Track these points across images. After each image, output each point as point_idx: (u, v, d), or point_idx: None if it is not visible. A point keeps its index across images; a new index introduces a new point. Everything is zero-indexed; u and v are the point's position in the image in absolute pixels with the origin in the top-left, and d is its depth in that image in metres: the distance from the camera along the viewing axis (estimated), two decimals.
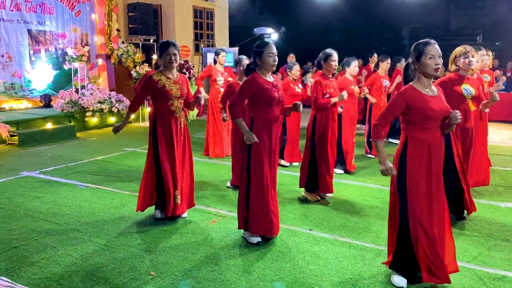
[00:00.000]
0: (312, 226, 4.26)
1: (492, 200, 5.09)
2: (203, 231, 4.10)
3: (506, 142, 8.76)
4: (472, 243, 3.92)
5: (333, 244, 3.84)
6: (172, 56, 4.05)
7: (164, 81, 4.10)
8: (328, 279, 3.25)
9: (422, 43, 2.96)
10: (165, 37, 14.15)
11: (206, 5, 15.27)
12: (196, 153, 7.32)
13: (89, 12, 11.08)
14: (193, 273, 3.31)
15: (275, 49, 3.67)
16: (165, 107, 4.14)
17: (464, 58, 4.13)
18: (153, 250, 3.68)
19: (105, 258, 3.53)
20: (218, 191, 5.33)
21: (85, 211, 4.58)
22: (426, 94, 2.95)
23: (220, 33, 16.19)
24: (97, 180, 5.71)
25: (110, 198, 5.00)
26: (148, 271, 3.32)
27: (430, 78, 3.00)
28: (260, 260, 3.54)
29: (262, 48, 3.64)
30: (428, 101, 2.92)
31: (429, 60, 2.90)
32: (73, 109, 9.26)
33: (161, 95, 4.10)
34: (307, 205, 4.88)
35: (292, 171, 6.27)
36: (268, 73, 3.74)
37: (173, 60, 4.06)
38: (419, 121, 2.93)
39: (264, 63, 3.64)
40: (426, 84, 2.99)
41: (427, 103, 2.91)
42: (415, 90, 2.96)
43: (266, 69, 3.69)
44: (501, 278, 3.29)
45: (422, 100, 2.92)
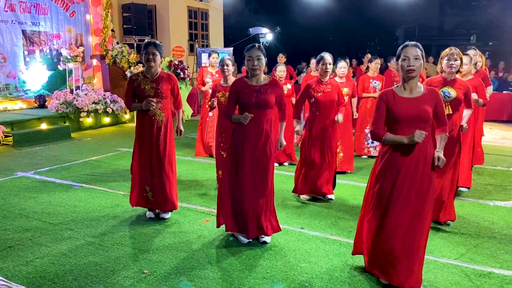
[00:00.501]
0: (303, 224, 4.33)
1: (481, 199, 5.18)
2: (196, 230, 4.15)
3: (497, 141, 8.86)
4: (460, 240, 3.99)
5: (324, 242, 3.91)
6: (150, 55, 4.07)
7: (140, 80, 4.16)
8: (319, 276, 3.31)
9: (402, 46, 3.00)
10: (160, 37, 14.18)
11: (200, 5, 15.31)
12: (190, 153, 7.39)
13: (83, 12, 11.10)
14: (186, 271, 3.36)
15: (259, 52, 3.61)
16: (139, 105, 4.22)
17: (446, 60, 4.08)
18: (146, 249, 3.73)
19: (99, 257, 3.58)
20: (211, 191, 5.39)
21: (80, 211, 4.62)
22: (402, 96, 2.97)
23: (215, 33, 16.24)
24: (91, 180, 5.75)
25: (104, 198, 5.04)
26: (142, 270, 3.37)
27: (409, 80, 2.96)
28: (251, 258, 3.60)
29: (244, 52, 3.66)
30: (399, 103, 2.94)
31: (403, 62, 2.93)
32: (67, 110, 9.29)
33: (138, 94, 4.19)
34: (298, 204, 4.95)
35: (283, 171, 6.33)
36: (254, 76, 3.69)
37: (151, 59, 4.07)
38: (391, 123, 2.98)
39: (246, 67, 3.67)
40: (406, 86, 2.99)
41: (397, 105, 2.93)
42: (392, 91, 3.01)
43: (249, 73, 3.71)
44: (487, 274, 3.36)
45: (395, 102, 2.96)
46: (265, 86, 3.70)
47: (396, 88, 3.04)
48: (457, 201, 5.04)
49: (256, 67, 3.62)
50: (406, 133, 2.90)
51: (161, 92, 4.15)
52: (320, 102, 4.87)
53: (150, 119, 4.19)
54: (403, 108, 2.92)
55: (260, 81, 3.72)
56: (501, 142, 8.84)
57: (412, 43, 2.96)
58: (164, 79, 4.20)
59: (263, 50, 3.67)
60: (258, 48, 3.64)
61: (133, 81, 4.22)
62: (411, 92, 2.98)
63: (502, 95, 11.29)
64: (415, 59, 2.90)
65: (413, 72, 2.91)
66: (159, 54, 4.12)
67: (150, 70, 4.17)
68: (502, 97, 11.25)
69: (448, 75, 4.13)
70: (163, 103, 4.20)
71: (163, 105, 4.20)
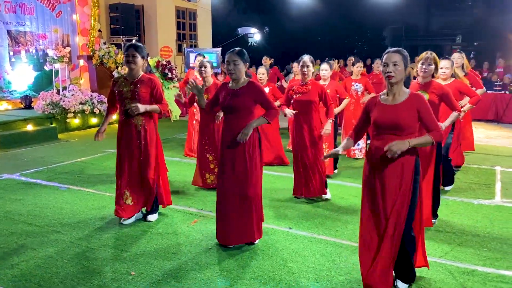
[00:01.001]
0: (291, 224, 4.35)
1: (465, 197, 5.26)
2: (184, 231, 4.16)
3: (482, 140, 8.99)
4: (445, 239, 4.06)
5: (311, 242, 3.94)
6: (130, 57, 4.02)
7: (120, 82, 4.14)
8: (305, 276, 3.34)
9: (385, 52, 2.98)
10: (148, 37, 14.13)
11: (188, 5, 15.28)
12: (179, 153, 7.38)
13: (70, 12, 11.00)
14: (173, 272, 3.37)
15: (236, 57, 3.61)
16: (121, 108, 4.19)
17: (420, 64, 4.09)
18: (134, 251, 3.73)
19: (85, 259, 3.57)
20: (200, 191, 5.39)
21: (66, 213, 4.60)
22: (384, 103, 2.95)
23: (203, 33, 16.22)
24: (78, 182, 5.71)
25: (91, 200, 5.02)
26: (129, 271, 3.37)
27: (391, 86, 2.92)
28: (239, 258, 3.61)
29: (224, 56, 3.71)
30: (379, 110, 2.94)
31: (383, 67, 2.92)
32: (54, 111, 9.20)
33: (117, 96, 4.17)
34: (287, 204, 4.98)
35: (271, 171, 6.36)
36: (232, 80, 3.69)
37: (131, 61, 4.03)
38: (373, 129, 3.00)
39: (225, 70, 3.71)
40: (389, 93, 2.96)
41: (376, 112, 2.94)
42: (376, 98, 3.03)
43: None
44: (470, 272, 3.42)
45: (375, 108, 2.97)
46: (240, 89, 3.65)
47: (382, 94, 3.03)
48: (442, 200, 5.11)
49: (232, 71, 3.62)
50: (385, 140, 2.88)
51: (138, 95, 4.07)
52: (297, 103, 4.94)
53: (128, 123, 4.14)
54: (381, 115, 2.91)
55: (238, 85, 3.69)
56: (486, 141, 8.98)
57: (393, 49, 2.93)
58: (144, 83, 4.11)
59: (242, 55, 3.64)
60: (236, 53, 3.63)
61: (115, 83, 4.21)
62: (394, 98, 2.93)
63: (486, 94, 11.41)
64: (394, 65, 2.86)
65: (392, 78, 2.87)
66: (140, 56, 4.06)
67: (131, 73, 4.13)
68: (486, 96, 11.39)
69: (422, 79, 4.13)
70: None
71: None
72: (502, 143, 8.80)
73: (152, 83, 4.16)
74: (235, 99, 3.62)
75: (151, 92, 4.16)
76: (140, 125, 4.14)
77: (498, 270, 3.46)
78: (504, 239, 4.07)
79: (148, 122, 4.19)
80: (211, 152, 5.38)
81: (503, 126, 10.88)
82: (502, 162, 7.04)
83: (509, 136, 9.62)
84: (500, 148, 8.23)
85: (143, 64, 4.17)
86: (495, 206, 4.99)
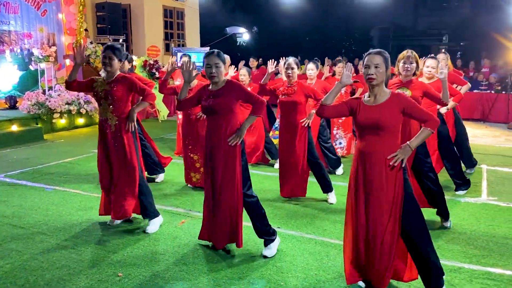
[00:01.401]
0: (280, 224, 4.35)
1: (453, 196, 5.31)
2: (172, 232, 4.13)
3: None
4: (432, 236, 4.00)
5: (299, 241, 3.94)
6: (107, 59, 3.96)
7: (98, 82, 4.07)
8: (294, 275, 3.34)
9: (367, 53, 2.97)
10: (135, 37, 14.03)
11: (176, 4, 15.21)
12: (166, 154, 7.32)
13: (55, 11, 10.87)
14: (161, 273, 3.34)
15: (217, 60, 3.50)
16: (98, 108, 4.15)
17: (402, 63, 4.12)
18: (120, 252, 3.69)
19: (72, 261, 3.52)
20: (188, 192, 5.36)
21: (52, 214, 4.53)
22: (366, 103, 2.96)
23: (191, 32, 16.16)
24: (65, 183, 5.64)
25: (78, 201, 4.96)
26: (116, 273, 3.33)
27: (373, 87, 2.92)
28: (227, 258, 3.60)
29: (204, 58, 3.57)
30: (361, 111, 2.94)
31: (364, 69, 2.91)
32: (40, 111, 9.08)
33: (94, 97, 4.12)
34: (275, 203, 4.97)
35: (259, 170, 6.35)
36: (213, 83, 3.60)
37: (107, 63, 3.97)
38: (357, 129, 3.02)
39: (205, 73, 3.58)
40: (371, 94, 2.97)
41: (359, 113, 2.94)
42: (359, 98, 3.03)
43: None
44: (457, 269, 3.45)
45: (358, 109, 2.97)
46: (220, 90, 3.58)
47: (366, 94, 3.03)
48: None
49: (214, 74, 3.51)
50: (368, 140, 2.91)
51: (112, 95, 3.99)
52: (283, 104, 4.94)
53: (104, 124, 4.07)
54: (363, 116, 2.92)
55: (218, 86, 3.61)
56: (472, 140, 9.00)
57: (375, 51, 2.93)
58: (119, 82, 4.03)
59: (221, 56, 3.55)
60: (217, 54, 3.52)
61: (92, 80, 4.12)
62: (375, 99, 2.94)
63: (472, 94, 11.58)
64: (375, 67, 2.86)
65: (373, 80, 2.87)
66: (116, 58, 3.99)
67: (107, 74, 4.06)
68: (472, 96, 11.55)
69: (404, 78, 4.17)
70: (115, 107, 4.01)
71: (115, 109, 4.01)
72: (488, 142, 8.91)
73: (127, 81, 4.06)
74: (216, 100, 3.53)
75: (129, 89, 4.07)
76: (115, 125, 4.04)
77: (484, 267, 3.49)
78: (490, 236, 4.12)
79: (124, 122, 4.08)
80: (195, 152, 5.36)
81: (489, 125, 11.02)
82: (488, 161, 7.12)
83: (495, 135, 9.74)
84: (486, 147, 8.33)
85: (121, 66, 4.12)
86: (482, 204, 5.04)
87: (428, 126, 2.95)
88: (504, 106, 11.28)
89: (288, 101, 4.90)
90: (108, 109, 4.02)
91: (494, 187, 5.68)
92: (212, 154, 3.59)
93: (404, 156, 2.88)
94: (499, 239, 4.05)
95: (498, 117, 11.38)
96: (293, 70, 4.83)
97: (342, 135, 7.20)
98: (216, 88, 3.59)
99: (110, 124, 4.04)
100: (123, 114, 4.06)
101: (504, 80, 12.09)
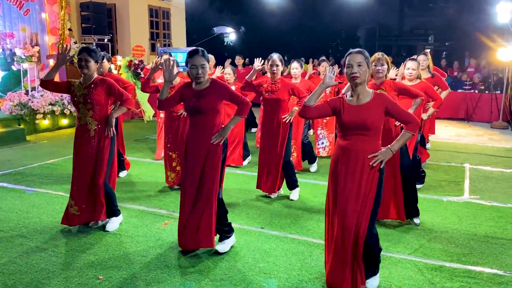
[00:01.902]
0: (263, 224, 4.34)
1: (435, 194, 5.35)
2: (154, 233, 4.09)
3: (451, 138, 9.19)
4: (414, 236, 4.12)
5: (283, 241, 3.94)
6: (83, 61, 3.90)
7: (75, 86, 4.00)
8: (276, 275, 3.33)
9: (347, 53, 2.99)
10: (120, 36, 13.91)
11: (162, 4, 15.10)
12: (151, 154, 7.28)
13: (38, 11, 10.70)
14: (143, 275, 3.31)
15: (203, 60, 3.45)
16: (77, 113, 4.06)
17: (374, 65, 4.14)
18: (102, 254, 3.64)
19: (52, 264, 3.47)
20: (171, 193, 5.32)
21: (33, 217, 4.46)
22: (349, 103, 2.96)
23: (177, 32, 16.05)
24: (46, 185, 5.56)
25: (60, 203, 4.89)
26: (96, 276, 3.29)
27: (356, 86, 2.94)
28: (210, 260, 3.58)
29: (187, 58, 3.50)
30: (345, 111, 2.93)
31: (346, 69, 2.92)
32: (22, 112, 8.93)
33: (72, 100, 4.03)
34: (259, 203, 4.96)
35: (244, 170, 6.34)
36: (198, 84, 3.55)
37: (83, 65, 3.90)
38: (339, 129, 3.02)
39: (190, 74, 3.52)
40: (353, 93, 2.98)
41: (343, 113, 2.94)
42: (341, 98, 3.02)
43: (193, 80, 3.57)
44: (438, 268, 3.48)
45: (342, 109, 2.95)
46: (205, 90, 3.54)
47: (348, 94, 3.03)
48: None
49: (201, 75, 3.47)
50: (352, 139, 2.93)
51: (91, 99, 3.93)
52: (266, 101, 4.94)
53: (83, 128, 4.00)
54: (348, 116, 2.92)
55: (202, 85, 3.57)
56: (455, 139, 9.18)
57: (355, 50, 2.95)
58: (98, 85, 3.97)
59: (206, 56, 3.50)
60: (201, 54, 3.46)
61: (69, 83, 4.04)
62: (358, 99, 2.95)
63: (456, 94, 11.70)
64: (358, 66, 2.88)
65: (357, 78, 2.89)
66: (92, 59, 3.94)
67: (84, 77, 3.99)
68: (456, 96, 11.67)
69: (376, 80, 4.22)
70: (95, 111, 3.96)
71: (95, 113, 3.96)
72: (471, 140, 9.01)
73: (106, 84, 4.01)
74: (201, 100, 3.50)
75: (107, 93, 4.02)
76: (94, 129, 3.99)
77: (465, 266, 3.53)
78: (471, 234, 4.16)
79: (103, 126, 4.03)
80: (174, 150, 5.33)
81: (473, 124, 11.15)
82: (471, 160, 7.20)
83: (478, 134, 9.86)
84: (469, 146, 8.43)
85: (100, 66, 4.07)
86: (464, 202, 5.10)
87: (409, 129, 3.00)
88: (487, 105, 11.42)
89: (271, 98, 4.90)
90: (87, 114, 3.97)
91: (477, 186, 5.74)
92: (194, 152, 3.55)
93: (384, 158, 2.92)
94: (480, 238, 4.10)
95: (481, 117, 11.52)
96: (277, 67, 4.84)
97: (325, 135, 7.23)
98: (200, 87, 3.56)
99: (89, 128, 3.99)
100: (102, 118, 4.02)
101: (487, 80, 12.25)
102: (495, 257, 3.70)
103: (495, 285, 3.24)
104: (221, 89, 3.57)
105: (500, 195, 5.34)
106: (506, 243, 3.98)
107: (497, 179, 6.07)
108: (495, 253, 3.77)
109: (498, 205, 4.99)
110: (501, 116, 10.81)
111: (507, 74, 10.83)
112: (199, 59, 3.45)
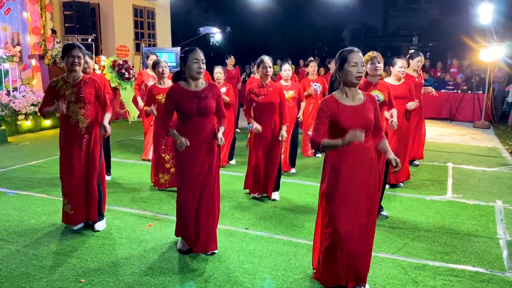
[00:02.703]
0: (248, 225, 4.32)
1: (419, 194, 5.40)
2: (138, 235, 4.04)
3: (435, 138, 9.29)
4: (398, 235, 4.14)
5: (268, 242, 3.93)
6: (76, 58, 3.83)
7: (60, 85, 3.91)
8: (261, 276, 3.32)
9: (346, 51, 2.89)
10: (104, 36, 13.76)
11: (146, 3, 14.98)
12: (135, 155, 7.21)
13: (20, 10, 10.52)
14: (126, 278, 3.26)
15: (202, 56, 3.48)
16: (65, 112, 3.86)
17: (370, 63, 4.14)
18: (84, 257, 3.59)
19: (32, 267, 3.40)
20: (156, 194, 5.27)
21: (13, 220, 4.37)
22: (345, 104, 2.87)
23: (162, 32, 15.95)
24: (28, 187, 5.46)
25: (41, 205, 4.80)
26: (78, 279, 3.24)
27: (353, 87, 2.89)
28: (194, 261, 3.55)
29: (187, 53, 3.46)
30: (344, 112, 2.84)
31: (351, 67, 2.82)
32: (3, 113, 8.77)
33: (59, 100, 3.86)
34: (245, 204, 4.94)
35: (230, 171, 6.32)
36: (195, 80, 3.52)
37: (76, 63, 3.84)
38: (337, 133, 2.83)
39: (189, 69, 3.46)
40: (348, 93, 2.90)
41: (343, 115, 2.83)
42: (333, 100, 2.89)
43: (191, 77, 3.49)
44: (421, 267, 3.51)
45: (339, 111, 2.85)
46: (205, 90, 3.53)
47: (337, 94, 2.95)
48: (396, 197, 5.25)
49: (202, 70, 3.47)
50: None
51: (83, 97, 3.89)
52: (260, 106, 4.91)
53: (74, 126, 3.94)
54: (349, 118, 2.83)
55: (199, 86, 3.54)
56: (438, 138, 9.28)
57: (356, 49, 2.90)
58: (87, 84, 3.93)
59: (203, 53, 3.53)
60: (201, 50, 3.50)
61: (52, 87, 3.92)
62: (353, 99, 2.90)
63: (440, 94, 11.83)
64: (361, 66, 2.85)
65: (361, 78, 2.87)
66: (84, 56, 3.92)
67: (71, 75, 3.91)
68: (440, 96, 11.79)
69: (372, 78, 4.20)
70: (86, 109, 3.93)
71: (86, 111, 3.93)
72: (454, 140, 9.13)
73: (96, 84, 3.99)
74: (203, 102, 3.48)
75: (96, 93, 4.00)
76: (85, 128, 3.96)
77: (448, 264, 3.56)
78: (454, 233, 4.20)
79: (94, 126, 4.00)
80: (167, 152, 5.29)
81: (456, 124, 11.30)
82: (454, 159, 7.29)
83: (461, 133, 9.99)
84: (452, 145, 8.53)
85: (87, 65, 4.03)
86: (447, 201, 5.15)
87: (382, 137, 3.05)
88: (470, 105, 11.59)
89: (265, 102, 4.88)
90: (79, 112, 3.92)
91: (460, 185, 5.81)
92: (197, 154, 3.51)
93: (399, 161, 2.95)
94: (462, 236, 4.14)
95: (464, 116, 11.69)
96: (270, 69, 4.89)
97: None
98: (197, 88, 3.53)
99: (81, 127, 3.94)
100: (93, 116, 4.00)
101: (470, 80, 12.42)
102: (477, 255, 3.74)
103: (477, 283, 3.27)
104: (218, 94, 3.64)
105: (482, 194, 5.42)
106: (488, 241, 4.03)
107: (479, 178, 6.15)
108: (477, 251, 3.82)
109: (480, 204, 5.06)
110: (483, 116, 10.98)
111: (489, 74, 11.00)
112: (200, 54, 3.48)
